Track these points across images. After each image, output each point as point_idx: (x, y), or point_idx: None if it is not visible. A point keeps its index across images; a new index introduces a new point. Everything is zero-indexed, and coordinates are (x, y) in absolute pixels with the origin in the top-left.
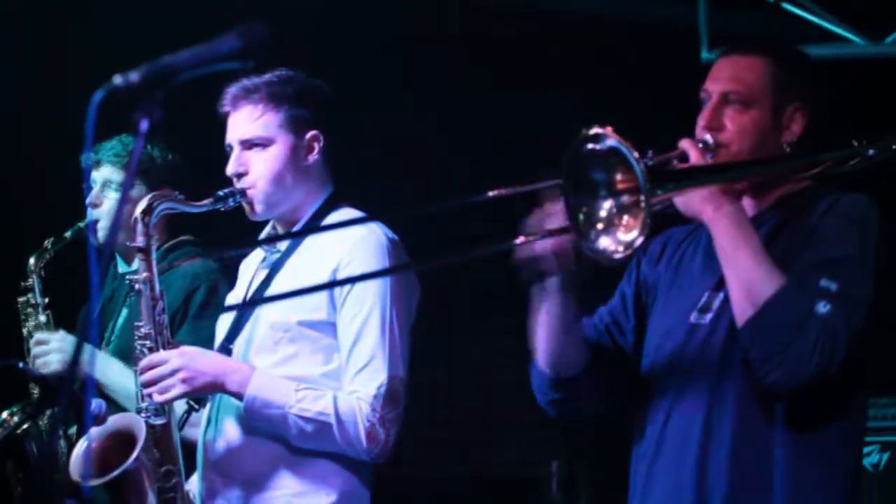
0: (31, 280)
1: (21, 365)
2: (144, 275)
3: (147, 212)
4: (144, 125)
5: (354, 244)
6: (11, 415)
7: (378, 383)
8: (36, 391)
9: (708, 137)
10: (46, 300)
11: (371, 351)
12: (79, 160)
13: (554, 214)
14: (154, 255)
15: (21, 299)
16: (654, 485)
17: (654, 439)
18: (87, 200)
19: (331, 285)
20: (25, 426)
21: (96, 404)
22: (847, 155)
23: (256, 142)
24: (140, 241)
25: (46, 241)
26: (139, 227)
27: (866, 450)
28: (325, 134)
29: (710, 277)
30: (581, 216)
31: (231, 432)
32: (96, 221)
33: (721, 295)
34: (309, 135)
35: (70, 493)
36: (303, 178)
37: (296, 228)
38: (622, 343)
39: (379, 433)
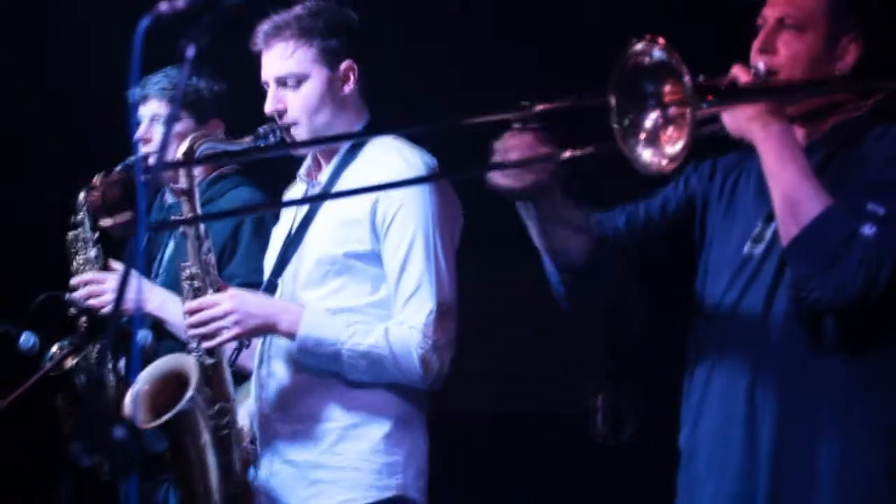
0: (80, 215)
1: (68, 297)
2: (190, 215)
3: (188, 153)
4: (191, 52)
5: (393, 175)
6: (60, 349)
7: (427, 311)
8: (83, 324)
9: (761, 64)
10: (96, 235)
11: (418, 279)
12: (125, 94)
13: (517, 147)
14: (197, 196)
15: (70, 234)
16: (706, 410)
17: (706, 368)
18: (136, 136)
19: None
20: (74, 360)
21: (142, 335)
22: None
23: (291, 78)
24: (182, 182)
25: (96, 177)
26: (181, 169)
27: None
28: (359, 63)
29: (763, 208)
30: (626, 122)
31: (284, 368)
32: (145, 157)
33: (774, 225)
34: (343, 65)
35: (119, 422)
36: (341, 109)
37: (336, 158)
38: (648, 232)
39: (433, 360)
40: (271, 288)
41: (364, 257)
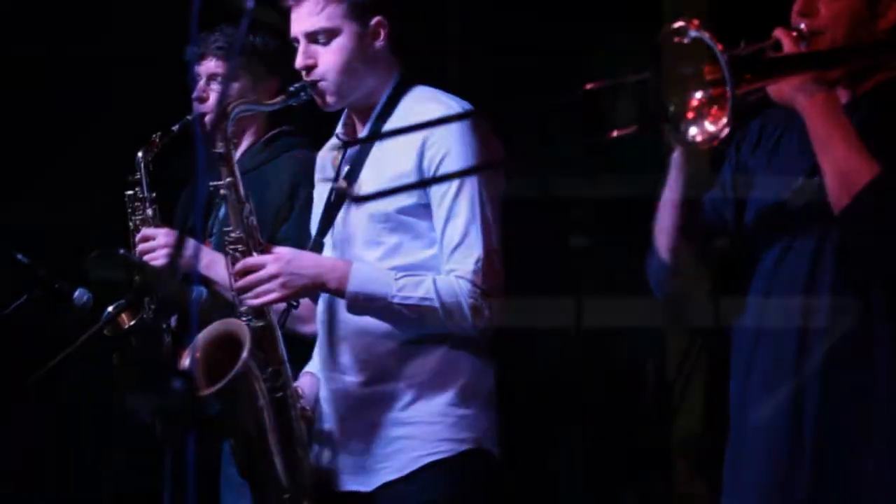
0: (138, 174)
1: (122, 251)
2: (228, 180)
3: (222, 116)
4: (251, 3)
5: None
6: (116, 309)
7: (475, 259)
8: (138, 279)
9: (802, 25)
10: (153, 194)
11: (464, 227)
12: (183, 53)
13: None
14: (235, 160)
15: (128, 193)
16: (755, 367)
17: (753, 331)
18: (193, 95)
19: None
20: (132, 320)
21: (197, 291)
22: None
23: (322, 34)
24: (219, 147)
25: (154, 136)
26: (216, 134)
27: None
28: (390, 19)
29: (806, 161)
30: (672, 108)
31: (347, 329)
32: (203, 115)
33: (816, 179)
34: (373, 21)
35: (177, 374)
36: (372, 65)
37: (373, 115)
38: (725, 229)
39: (483, 308)
40: (317, 248)
41: (414, 211)
